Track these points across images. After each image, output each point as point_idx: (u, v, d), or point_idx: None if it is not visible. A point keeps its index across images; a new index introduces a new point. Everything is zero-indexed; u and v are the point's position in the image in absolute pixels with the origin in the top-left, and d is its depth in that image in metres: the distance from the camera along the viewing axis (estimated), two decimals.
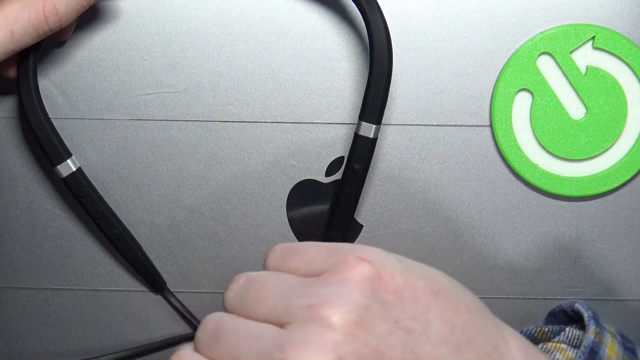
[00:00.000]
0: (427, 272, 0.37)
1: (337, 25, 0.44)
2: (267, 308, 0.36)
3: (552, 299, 0.46)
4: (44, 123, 0.42)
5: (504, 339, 0.36)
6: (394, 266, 0.36)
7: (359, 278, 0.35)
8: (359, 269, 0.35)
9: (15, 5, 0.39)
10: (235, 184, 0.46)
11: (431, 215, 0.46)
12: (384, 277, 0.35)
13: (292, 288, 0.36)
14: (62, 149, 0.43)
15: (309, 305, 0.35)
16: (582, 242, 0.46)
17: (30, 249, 0.47)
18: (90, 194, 0.44)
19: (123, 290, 0.47)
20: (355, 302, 0.34)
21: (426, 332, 0.35)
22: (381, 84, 0.41)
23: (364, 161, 0.42)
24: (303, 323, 0.34)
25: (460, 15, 0.44)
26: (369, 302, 0.34)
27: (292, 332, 0.35)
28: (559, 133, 0.44)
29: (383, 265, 0.36)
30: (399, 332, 0.34)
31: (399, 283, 0.35)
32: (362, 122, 0.42)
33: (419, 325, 0.35)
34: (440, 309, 0.36)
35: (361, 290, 0.35)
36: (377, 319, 0.34)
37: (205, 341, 0.37)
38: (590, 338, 0.38)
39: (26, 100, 0.42)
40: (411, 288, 0.36)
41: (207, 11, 0.44)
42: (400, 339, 0.34)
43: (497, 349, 0.36)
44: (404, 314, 0.35)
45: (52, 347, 0.48)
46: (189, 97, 0.45)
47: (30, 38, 0.39)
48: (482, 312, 0.37)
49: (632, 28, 0.43)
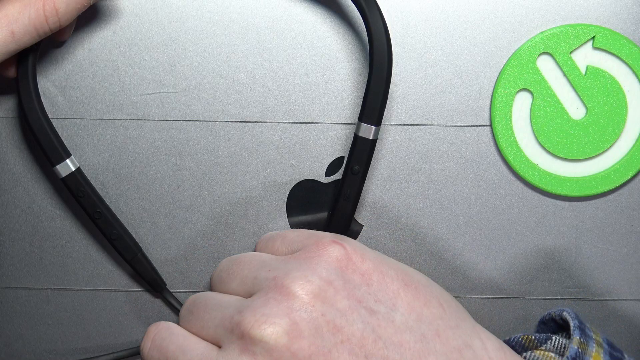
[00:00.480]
0: (402, 266, 0.38)
1: (337, 25, 0.44)
2: (238, 281, 0.39)
3: (552, 299, 0.46)
4: (44, 123, 0.42)
5: (480, 339, 0.37)
6: (368, 253, 0.38)
7: (327, 257, 0.37)
8: (330, 249, 0.37)
9: (16, 5, 0.39)
10: (235, 184, 0.46)
11: (431, 215, 0.46)
12: (353, 259, 0.37)
13: (264, 263, 0.38)
14: (61, 149, 0.43)
15: (274, 277, 0.36)
16: (582, 242, 0.46)
17: (30, 249, 0.47)
18: (89, 194, 0.44)
19: (123, 290, 0.47)
20: (318, 276, 0.36)
21: (390, 316, 0.35)
22: (381, 85, 0.41)
23: (363, 162, 0.42)
24: (265, 291, 0.36)
25: (460, 15, 0.44)
26: (332, 277, 0.36)
27: (253, 298, 0.36)
28: (559, 133, 0.44)
29: (355, 249, 0.37)
30: (361, 310, 0.35)
31: (368, 267, 0.37)
32: (362, 124, 0.42)
33: (383, 308, 0.36)
34: (408, 298, 0.36)
35: (327, 266, 0.36)
36: (339, 295, 0.35)
37: (182, 315, 0.40)
38: (574, 348, 0.38)
39: (25, 100, 0.42)
40: (380, 274, 0.37)
41: (207, 11, 0.44)
42: (362, 317, 0.35)
43: (471, 347, 0.36)
44: (369, 295, 0.36)
45: (52, 347, 0.48)
46: (189, 97, 0.45)
47: (31, 38, 0.39)
48: (458, 313, 0.38)
49: (632, 28, 0.43)
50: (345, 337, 0.34)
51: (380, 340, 0.35)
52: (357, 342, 0.34)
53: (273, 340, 0.34)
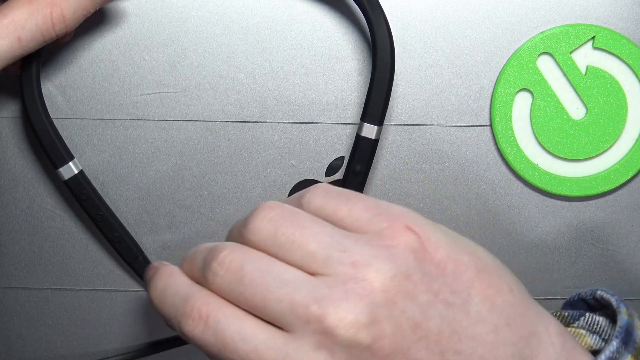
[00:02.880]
0: (473, 248, 0.36)
1: (337, 25, 0.44)
2: (305, 253, 0.34)
3: (552, 299, 0.46)
4: (47, 126, 0.43)
5: (544, 324, 0.36)
6: (440, 238, 0.35)
7: (404, 246, 0.34)
8: (405, 238, 0.34)
9: (23, 12, 0.39)
10: (235, 184, 0.46)
11: (431, 215, 0.46)
12: (429, 249, 0.35)
13: (335, 238, 0.34)
14: (64, 152, 0.43)
15: (353, 262, 0.33)
16: (582, 242, 0.46)
17: (30, 249, 0.47)
18: (92, 197, 0.44)
19: (123, 290, 0.47)
20: (399, 269, 0.33)
21: (465, 307, 0.34)
22: (383, 85, 0.41)
23: (365, 162, 0.42)
24: (344, 279, 0.33)
25: (460, 15, 0.44)
26: (411, 271, 0.34)
27: (331, 285, 0.33)
28: (559, 133, 0.44)
29: (429, 237, 0.35)
30: (438, 304, 0.34)
31: (442, 256, 0.35)
32: (364, 123, 0.42)
33: (459, 300, 0.34)
34: (482, 286, 0.35)
35: (405, 258, 0.34)
36: (418, 289, 0.34)
37: (228, 281, 0.34)
38: (624, 319, 0.37)
39: (29, 103, 0.42)
40: (454, 262, 0.35)
41: (207, 11, 0.44)
42: (439, 311, 0.34)
43: (536, 334, 0.35)
44: (445, 287, 0.34)
45: (52, 347, 0.48)
46: (189, 97, 0.45)
47: (37, 44, 0.40)
48: (524, 296, 0.36)
49: (632, 28, 0.43)
50: (423, 334, 0.33)
51: (456, 334, 0.34)
52: (434, 337, 0.34)
53: (356, 340, 0.32)
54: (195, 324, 0.34)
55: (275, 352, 0.33)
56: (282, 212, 0.35)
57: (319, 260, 0.34)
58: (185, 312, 0.34)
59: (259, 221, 0.35)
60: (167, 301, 0.36)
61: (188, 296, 0.35)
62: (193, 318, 0.34)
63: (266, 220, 0.35)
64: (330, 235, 0.34)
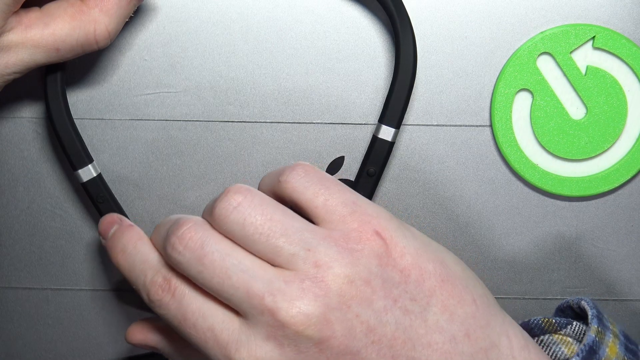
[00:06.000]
0: (441, 256, 0.37)
1: (337, 26, 0.44)
2: (271, 247, 0.34)
3: (552, 299, 0.46)
4: (69, 127, 0.43)
5: (508, 337, 0.36)
6: (408, 245, 0.36)
7: (368, 251, 0.35)
8: (371, 243, 0.35)
9: (65, 26, 0.39)
10: (235, 184, 0.46)
11: (431, 215, 0.46)
12: (394, 255, 0.35)
13: (302, 235, 0.35)
14: (84, 154, 0.43)
15: (315, 262, 0.34)
16: (582, 242, 0.46)
17: (30, 249, 0.47)
18: (109, 200, 0.44)
19: (123, 290, 0.47)
20: (359, 274, 0.34)
21: (423, 315, 0.35)
22: (404, 89, 0.42)
23: (380, 165, 0.42)
24: (303, 277, 0.34)
25: (460, 15, 0.44)
26: (372, 276, 0.34)
27: (289, 281, 0.34)
28: (559, 133, 0.44)
29: (396, 243, 0.35)
30: (396, 310, 0.34)
31: (407, 263, 0.35)
32: (382, 125, 0.42)
33: (418, 308, 0.35)
34: (443, 296, 0.35)
35: (368, 264, 0.34)
36: (376, 295, 0.34)
37: (187, 258, 0.35)
38: (591, 337, 0.38)
39: (53, 103, 0.42)
40: (419, 270, 0.35)
41: (207, 11, 0.44)
42: (395, 317, 0.34)
43: (497, 346, 0.36)
44: (406, 293, 0.35)
45: (52, 347, 0.48)
46: (189, 97, 0.45)
47: (76, 54, 0.40)
48: (489, 308, 0.37)
49: (632, 28, 0.43)
50: (376, 338, 0.34)
51: (410, 341, 0.34)
52: (387, 342, 0.34)
53: (304, 336, 0.33)
54: (163, 294, 0.35)
55: (229, 335, 0.34)
56: (251, 200, 0.35)
57: (283, 255, 0.34)
58: (154, 280, 0.36)
59: (226, 207, 0.35)
60: (136, 267, 0.37)
61: (159, 266, 0.36)
62: (163, 288, 0.35)
63: (232, 207, 0.35)
64: (298, 231, 0.35)
